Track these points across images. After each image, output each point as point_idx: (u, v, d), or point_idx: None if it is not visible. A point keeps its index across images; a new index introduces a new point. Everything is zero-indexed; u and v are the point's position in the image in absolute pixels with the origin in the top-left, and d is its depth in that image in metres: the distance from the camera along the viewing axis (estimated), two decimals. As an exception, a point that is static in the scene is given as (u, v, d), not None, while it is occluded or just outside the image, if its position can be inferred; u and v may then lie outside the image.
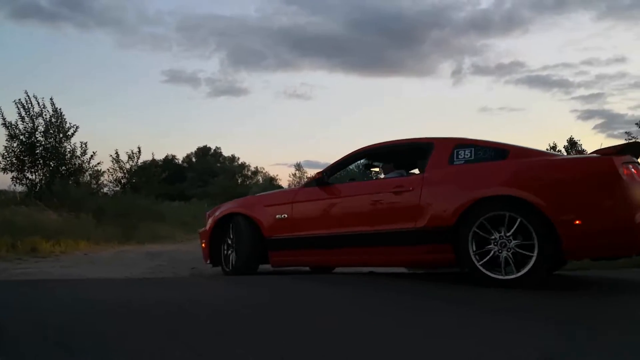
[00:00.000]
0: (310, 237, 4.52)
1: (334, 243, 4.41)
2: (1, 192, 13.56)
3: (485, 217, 3.68)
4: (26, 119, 13.74)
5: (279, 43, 58.56)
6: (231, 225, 4.92)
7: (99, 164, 15.35)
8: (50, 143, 13.90)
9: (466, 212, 3.76)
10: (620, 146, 3.71)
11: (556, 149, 33.58)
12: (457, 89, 48.66)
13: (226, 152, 54.20)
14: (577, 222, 3.46)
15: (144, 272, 5.48)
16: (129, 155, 18.64)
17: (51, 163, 13.91)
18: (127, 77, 68.80)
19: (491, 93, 48.11)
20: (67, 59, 64.30)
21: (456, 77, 48.63)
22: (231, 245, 4.91)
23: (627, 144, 3.89)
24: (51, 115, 14.07)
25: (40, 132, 13.84)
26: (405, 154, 4.76)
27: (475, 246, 3.71)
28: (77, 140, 15.49)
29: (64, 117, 14.35)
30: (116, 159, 18.53)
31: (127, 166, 18.63)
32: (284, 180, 43.63)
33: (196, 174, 45.06)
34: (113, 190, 17.56)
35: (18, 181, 13.66)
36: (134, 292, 3.73)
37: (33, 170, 13.79)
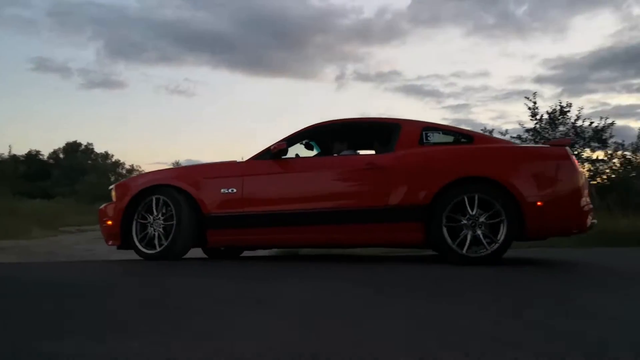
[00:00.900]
0: (267, 214, 4.09)
1: (296, 221, 4.05)
2: None
3: (460, 198, 3.79)
4: None
5: (161, 36, 55.67)
6: (158, 200, 4.20)
7: None
8: None
9: (441, 192, 3.83)
10: (567, 140, 4.12)
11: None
12: (340, 93, 50.93)
13: (99, 149, 50.04)
14: (539, 203, 3.75)
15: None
16: None
17: None
18: None
19: (372, 99, 51.26)
20: None
21: (339, 82, 50.95)
22: (158, 224, 4.18)
23: (571, 139, 4.36)
24: None
25: None
26: (367, 132, 4.62)
27: (448, 225, 3.80)
28: None
29: None
30: None
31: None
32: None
33: (63, 171, 40.64)
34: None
35: None
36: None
37: None
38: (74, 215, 16.11)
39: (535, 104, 13.72)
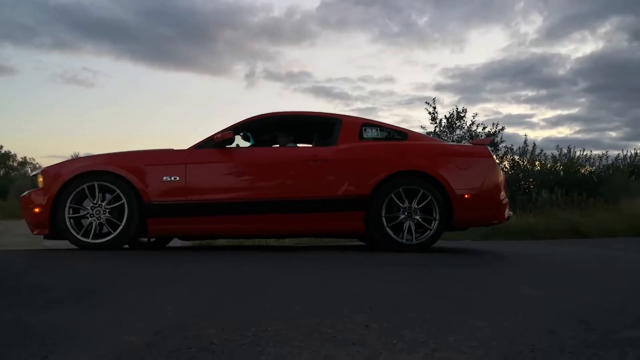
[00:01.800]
0: (210, 203, 4.06)
1: (239, 210, 4.07)
2: None
3: (398, 189, 4.08)
4: None
5: (56, 20, 50.87)
6: (95, 187, 4.00)
7: None
8: None
9: (381, 184, 4.08)
10: (488, 139, 4.65)
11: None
12: (250, 91, 50.34)
13: (-14, 139, 44.62)
14: (467, 196, 4.15)
15: None
16: None
17: None
18: None
19: (282, 99, 51.21)
20: None
21: (249, 80, 50.33)
22: (99, 211, 4.00)
23: (492, 138, 4.89)
24: None
25: None
26: (309, 125, 4.74)
27: (386, 214, 4.08)
28: None
29: None
30: None
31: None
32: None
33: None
34: None
35: None
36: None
37: None
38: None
39: (435, 109, 14.84)
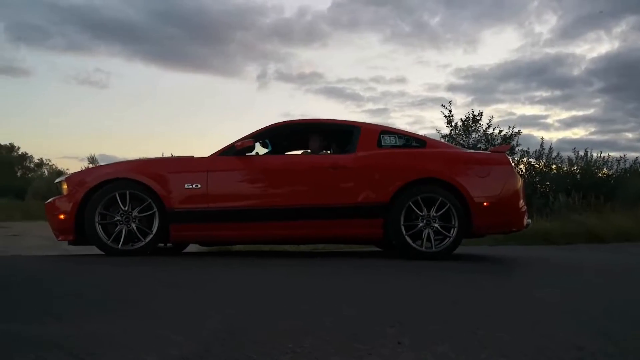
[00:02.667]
0: (231, 210, 4.13)
1: (260, 217, 4.14)
2: None
3: (417, 197, 4.12)
4: None
5: (69, 22, 51.49)
6: (125, 194, 4.07)
7: None
8: None
9: (400, 191, 4.13)
10: (506, 146, 4.78)
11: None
12: (262, 92, 50.55)
13: (3, 140, 45.46)
14: (486, 203, 4.18)
15: None
16: None
17: None
18: None
19: (293, 100, 51.36)
20: None
21: (261, 81, 50.56)
22: (124, 218, 4.06)
23: (509, 145, 4.94)
24: None
25: None
26: (328, 133, 4.80)
27: (405, 222, 4.12)
28: None
29: None
30: None
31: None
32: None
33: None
34: None
35: None
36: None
37: None
38: (-24, 210, 14.77)
39: (450, 112, 14.78)
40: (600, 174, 14.38)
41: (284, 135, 4.81)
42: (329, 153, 4.73)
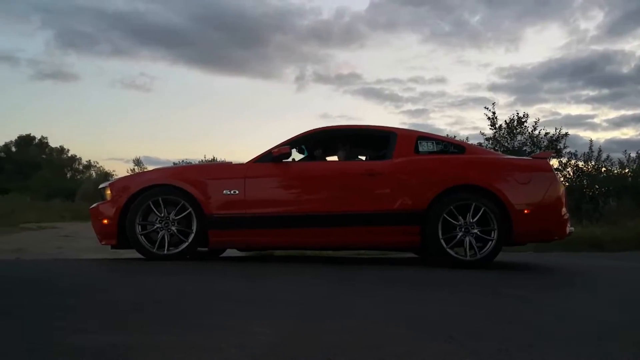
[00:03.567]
0: (268, 216, 4.17)
1: (297, 223, 4.16)
2: None
3: (455, 204, 4.06)
4: None
5: (114, 28, 53.55)
6: (165, 200, 4.14)
7: None
8: None
9: (437, 198, 4.07)
10: (549, 152, 4.61)
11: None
12: (300, 94, 50.96)
13: (53, 143, 47.84)
14: (526, 211, 4.08)
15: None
16: None
17: None
18: None
19: (331, 101, 51.53)
20: None
21: (299, 83, 50.94)
22: (163, 224, 4.12)
23: (552, 152, 4.79)
24: None
25: None
26: (364, 139, 4.76)
27: (442, 230, 4.05)
28: None
29: None
30: None
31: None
32: (122, 177, 39.82)
33: (15, 166, 38.72)
34: None
35: None
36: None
37: None
38: (31, 212, 15.47)
39: (494, 114, 14.38)
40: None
41: (320, 142, 4.81)
42: (364, 159, 4.70)
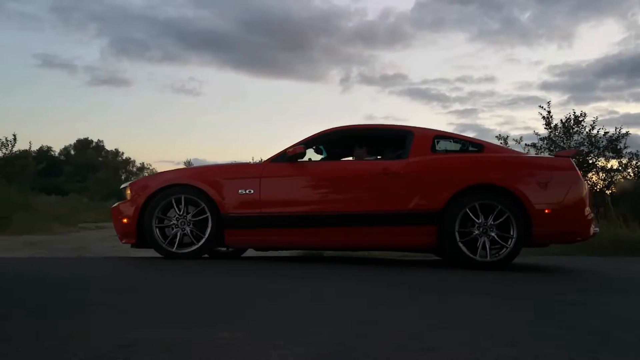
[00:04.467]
0: (283, 215, 4.14)
1: (311, 223, 4.12)
2: None
3: (472, 204, 3.91)
4: None
5: (165, 34, 55.87)
6: (180, 199, 4.17)
7: None
8: None
9: (454, 198, 3.93)
10: (573, 151, 4.21)
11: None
12: (345, 96, 50.96)
13: (109, 146, 50.36)
14: (547, 211, 3.90)
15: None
16: (2, 143, 17.05)
17: None
18: None
19: (376, 102, 51.15)
20: None
21: (344, 85, 50.94)
22: (184, 222, 4.17)
23: (576, 150, 4.39)
24: None
25: None
26: (380, 139, 4.69)
27: (460, 231, 3.91)
28: None
29: None
30: None
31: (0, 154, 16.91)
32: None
33: (74, 168, 41.02)
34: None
35: None
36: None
37: None
38: (88, 212, 16.22)
39: (549, 113, 13.58)
40: None
41: (338, 142, 4.75)
42: (378, 159, 4.60)
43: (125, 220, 4.29)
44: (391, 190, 4.06)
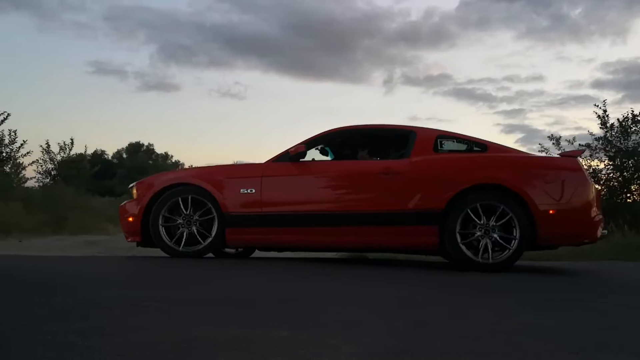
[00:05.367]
0: (285, 215, 4.18)
1: (313, 222, 4.13)
2: None
3: (474, 204, 3.86)
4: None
5: (211, 39, 57.30)
6: (187, 199, 4.21)
7: (28, 153, 14.66)
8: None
9: (456, 198, 3.90)
10: (579, 151, 4.26)
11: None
12: (388, 97, 50.42)
13: (159, 149, 52.12)
14: (552, 212, 3.81)
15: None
16: (60, 147, 17.35)
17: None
18: (49, 64, 63.56)
19: (420, 103, 50.28)
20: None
21: (387, 86, 50.36)
22: (186, 221, 4.20)
23: (583, 149, 4.30)
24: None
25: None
26: (382, 139, 4.69)
27: (462, 231, 3.88)
28: (5, 127, 14.54)
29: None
30: (46, 150, 17.21)
31: (58, 157, 17.50)
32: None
33: (126, 171, 42.85)
34: (42, 181, 16.63)
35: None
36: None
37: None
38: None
39: (605, 112, 13.02)
40: None
41: (341, 142, 4.76)
42: (378, 159, 4.62)
43: (130, 219, 4.35)
44: (392, 190, 4.05)
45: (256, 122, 66.03)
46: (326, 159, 4.85)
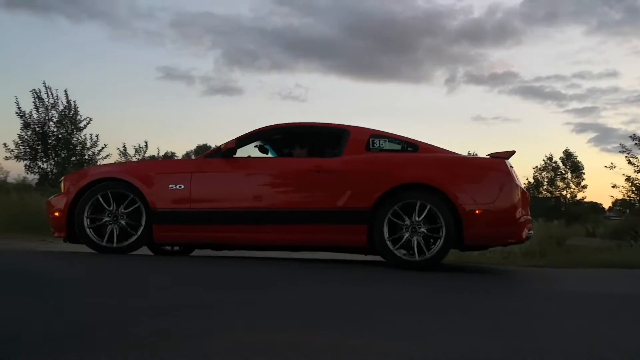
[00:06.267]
0: (213, 211, 4.11)
1: (241, 219, 4.08)
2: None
3: (401, 203, 3.89)
4: (40, 109, 15.30)
5: (273, 43, 56.01)
6: (107, 195, 4.10)
7: (107, 156, 16.26)
8: (61, 134, 15.41)
9: (384, 196, 3.91)
10: (508, 152, 4.28)
11: (552, 160, 36.54)
12: (451, 97, 49.74)
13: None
14: (477, 212, 3.87)
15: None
16: (136, 149, 18.53)
17: (62, 153, 15.40)
18: (121, 71, 64.64)
19: (485, 102, 49.92)
20: (58, 50, 58.54)
21: (450, 86, 49.86)
22: (112, 218, 4.09)
23: (512, 152, 4.38)
24: (64, 106, 15.56)
25: (53, 123, 15.39)
26: (316, 137, 4.68)
27: (389, 229, 3.88)
28: (88, 132, 16.24)
29: (78, 109, 15.76)
30: (123, 152, 18.52)
31: (134, 159, 18.05)
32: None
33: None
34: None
35: (30, 169, 15.28)
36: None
37: (45, 159, 15.38)
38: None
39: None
40: None
41: (279, 140, 4.73)
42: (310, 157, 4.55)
43: (56, 214, 4.22)
44: (323, 188, 4.04)
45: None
46: (265, 157, 4.76)
